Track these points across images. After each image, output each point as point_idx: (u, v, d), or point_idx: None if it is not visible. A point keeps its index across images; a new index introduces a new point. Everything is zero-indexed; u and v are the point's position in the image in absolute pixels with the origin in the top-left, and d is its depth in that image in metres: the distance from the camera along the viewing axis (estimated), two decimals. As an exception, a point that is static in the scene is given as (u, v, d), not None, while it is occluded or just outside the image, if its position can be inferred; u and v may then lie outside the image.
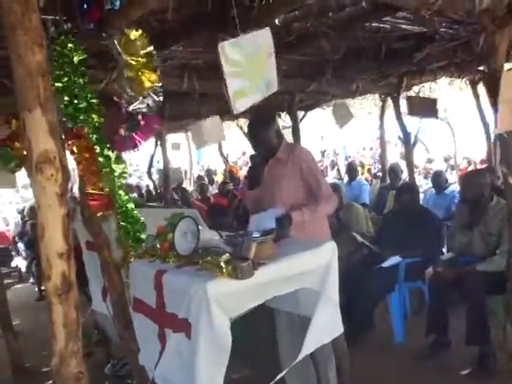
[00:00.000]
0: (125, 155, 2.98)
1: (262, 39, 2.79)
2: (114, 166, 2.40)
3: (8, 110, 2.53)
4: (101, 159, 2.38)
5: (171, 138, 11.37)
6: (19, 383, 4.33)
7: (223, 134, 7.39)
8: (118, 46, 2.14)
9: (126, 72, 2.23)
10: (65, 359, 1.61)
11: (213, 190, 10.81)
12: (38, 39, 1.54)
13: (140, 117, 2.73)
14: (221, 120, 6.88)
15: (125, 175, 2.51)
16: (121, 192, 2.48)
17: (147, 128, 2.84)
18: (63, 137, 2.13)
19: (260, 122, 3.20)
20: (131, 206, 2.51)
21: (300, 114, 7.82)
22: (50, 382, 4.19)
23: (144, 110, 2.61)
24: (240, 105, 2.79)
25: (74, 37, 1.96)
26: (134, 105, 2.54)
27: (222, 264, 2.12)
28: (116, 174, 2.41)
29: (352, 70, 5.16)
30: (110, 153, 2.40)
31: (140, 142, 2.86)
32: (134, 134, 2.79)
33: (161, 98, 2.61)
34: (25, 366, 4.47)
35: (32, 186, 1.57)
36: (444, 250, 4.65)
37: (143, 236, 2.59)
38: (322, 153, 20.53)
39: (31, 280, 8.31)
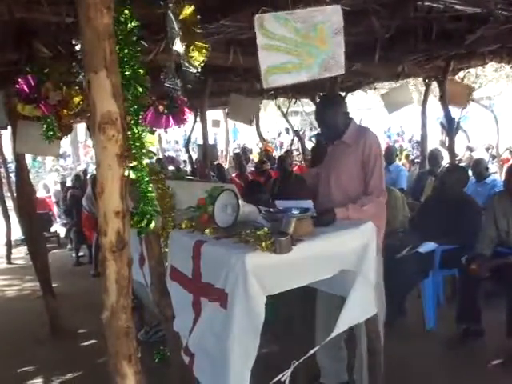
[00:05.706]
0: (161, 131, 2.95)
1: (328, 15, 2.70)
2: (144, 141, 2.33)
3: (60, 77, 2.57)
4: (133, 131, 2.34)
5: (210, 114, 11.40)
6: (57, 342, 4.50)
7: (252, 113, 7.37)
8: (172, 17, 2.14)
9: (178, 43, 2.23)
10: (116, 313, 1.67)
11: (248, 168, 10.85)
12: (107, 1, 1.55)
13: (179, 101, 2.71)
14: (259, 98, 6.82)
15: (151, 154, 2.42)
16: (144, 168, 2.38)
17: (183, 114, 2.83)
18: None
19: (328, 102, 3.19)
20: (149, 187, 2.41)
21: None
22: (86, 342, 4.36)
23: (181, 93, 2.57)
24: (272, 80, 2.72)
25: (131, 4, 1.97)
26: (172, 80, 2.51)
27: (261, 237, 2.14)
28: (144, 149, 2.33)
29: (400, 50, 5.03)
30: (144, 128, 2.35)
31: (173, 123, 2.85)
32: (170, 115, 2.77)
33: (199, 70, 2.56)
34: (62, 327, 4.64)
35: (93, 146, 1.61)
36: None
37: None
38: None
39: (69, 246, 8.54)
